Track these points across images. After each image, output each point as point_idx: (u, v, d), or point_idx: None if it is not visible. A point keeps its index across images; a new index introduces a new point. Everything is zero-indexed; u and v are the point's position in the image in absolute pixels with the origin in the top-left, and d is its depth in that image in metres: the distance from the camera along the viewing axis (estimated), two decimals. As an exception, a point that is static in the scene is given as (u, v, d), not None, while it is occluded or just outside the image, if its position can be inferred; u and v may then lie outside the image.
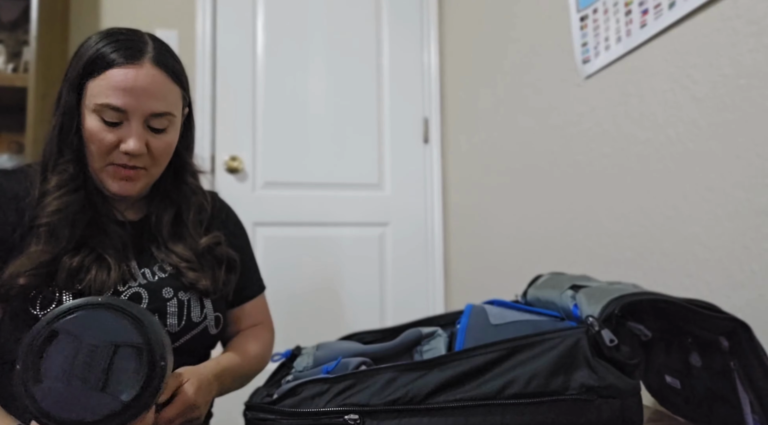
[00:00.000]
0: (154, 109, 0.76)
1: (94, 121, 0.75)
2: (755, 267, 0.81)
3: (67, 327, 0.49)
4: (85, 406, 0.47)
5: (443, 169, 2.11)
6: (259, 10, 2.05)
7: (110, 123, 0.75)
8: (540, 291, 0.78)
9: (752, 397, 0.62)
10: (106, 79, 0.74)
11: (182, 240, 0.85)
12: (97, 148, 0.76)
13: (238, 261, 0.91)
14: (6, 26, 1.84)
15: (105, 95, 0.73)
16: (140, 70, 0.74)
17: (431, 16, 2.16)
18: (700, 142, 0.92)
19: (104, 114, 0.74)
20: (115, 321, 0.50)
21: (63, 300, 0.72)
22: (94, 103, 0.74)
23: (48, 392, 0.47)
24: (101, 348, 0.49)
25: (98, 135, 0.75)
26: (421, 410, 0.55)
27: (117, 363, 0.49)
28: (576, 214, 1.27)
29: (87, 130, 0.75)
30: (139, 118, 0.75)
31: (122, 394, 0.48)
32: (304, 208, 2.02)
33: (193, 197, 0.89)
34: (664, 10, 0.97)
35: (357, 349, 0.74)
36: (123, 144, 0.75)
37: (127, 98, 0.73)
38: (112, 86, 0.73)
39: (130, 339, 0.50)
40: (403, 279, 2.06)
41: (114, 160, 0.76)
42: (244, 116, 2.00)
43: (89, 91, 0.75)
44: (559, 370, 0.56)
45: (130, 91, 0.73)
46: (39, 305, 0.72)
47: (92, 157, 0.77)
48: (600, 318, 0.59)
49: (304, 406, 0.57)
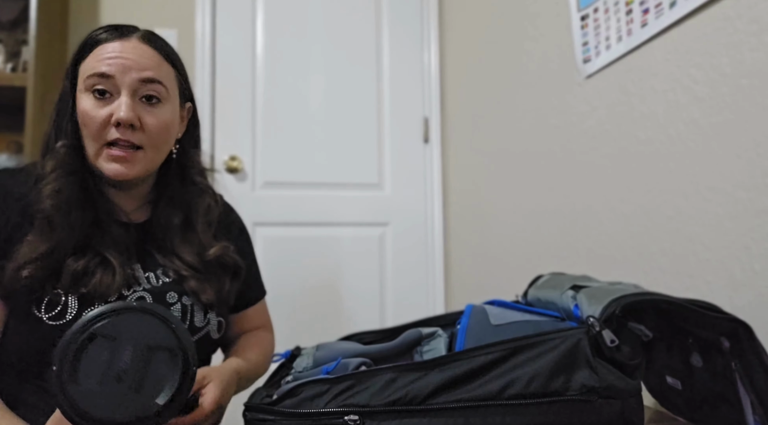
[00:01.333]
0: (141, 76, 0.76)
1: (87, 100, 0.75)
2: (756, 267, 0.81)
3: (105, 331, 0.50)
4: (122, 408, 0.48)
5: (443, 168, 2.11)
6: (259, 9, 2.05)
7: (100, 95, 0.75)
8: (541, 292, 0.78)
9: (753, 398, 0.62)
10: (95, 55, 0.76)
11: (190, 244, 0.84)
12: (91, 127, 0.75)
13: (243, 269, 0.90)
14: (5, 26, 1.84)
15: (93, 67, 0.75)
16: (127, 42, 0.77)
17: (431, 16, 2.15)
18: (701, 141, 0.92)
19: (94, 86, 0.75)
20: (149, 325, 0.51)
21: (68, 303, 0.72)
22: (84, 79, 0.75)
23: (86, 393, 0.48)
24: (138, 351, 0.50)
25: (90, 112, 0.75)
26: (421, 411, 0.55)
27: (153, 367, 0.50)
28: (577, 214, 1.27)
29: (81, 112, 0.75)
30: (128, 88, 0.75)
31: (158, 397, 0.50)
32: (304, 208, 2.02)
33: (201, 198, 0.87)
34: (665, 9, 0.97)
35: (357, 350, 0.74)
36: (114, 116, 0.74)
37: (114, 66, 0.74)
38: (99, 58, 0.75)
39: (165, 343, 0.51)
40: (403, 279, 2.06)
41: (108, 138, 0.75)
42: (243, 116, 2.00)
43: (81, 72, 0.76)
44: (560, 371, 0.56)
45: (117, 59, 0.75)
46: (44, 308, 0.71)
47: (88, 142, 0.76)
48: (601, 319, 0.59)
49: (304, 407, 0.57)
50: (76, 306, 0.72)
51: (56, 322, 0.71)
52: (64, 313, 0.72)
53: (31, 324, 0.71)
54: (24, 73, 1.70)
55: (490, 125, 1.73)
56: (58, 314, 0.71)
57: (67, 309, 0.72)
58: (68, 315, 0.72)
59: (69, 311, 0.72)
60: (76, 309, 0.72)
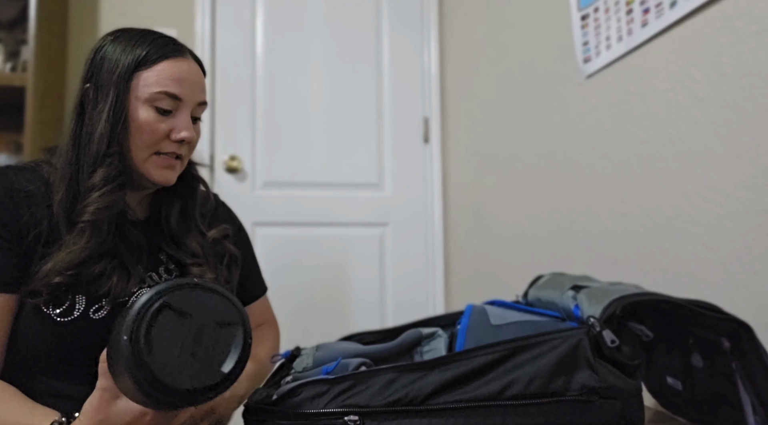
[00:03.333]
0: (201, 99, 0.81)
1: (148, 112, 0.76)
2: (757, 267, 0.81)
3: (175, 303, 0.53)
4: (193, 377, 0.51)
5: (443, 168, 2.11)
6: (259, 9, 2.05)
7: (164, 112, 0.77)
8: (541, 292, 0.78)
9: (754, 398, 0.62)
10: (161, 69, 0.77)
11: (190, 232, 0.86)
12: (149, 138, 0.77)
13: (239, 258, 0.91)
14: (4, 25, 1.84)
15: (162, 84, 0.76)
16: (188, 62, 0.80)
17: (431, 16, 2.15)
18: (701, 141, 0.91)
19: (160, 103, 0.76)
20: (214, 300, 0.55)
21: (76, 299, 0.73)
22: (150, 93, 0.76)
23: (161, 363, 0.51)
24: (207, 324, 0.54)
25: (152, 125, 0.77)
26: (421, 411, 0.55)
27: (221, 339, 0.54)
28: (577, 214, 1.27)
29: (140, 120, 0.76)
30: (190, 107, 0.80)
31: (223, 366, 0.53)
32: (304, 208, 2.02)
33: (197, 189, 0.89)
34: (666, 9, 0.97)
35: (357, 350, 0.74)
36: (174, 133, 0.78)
37: (183, 87, 0.78)
38: (168, 76, 0.77)
39: (230, 318, 0.55)
40: (404, 279, 2.06)
41: (162, 149, 0.78)
42: (243, 116, 2.00)
43: (142, 81, 0.76)
44: (560, 371, 0.56)
45: (185, 81, 0.78)
46: (52, 304, 0.72)
47: (138, 148, 0.78)
48: (601, 319, 0.59)
49: (304, 407, 0.57)
50: (84, 302, 0.73)
51: (65, 319, 0.72)
52: (72, 310, 0.72)
53: (40, 320, 0.72)
54: (23, 73, 1.70)
55: (490, 125, 1.72)
56: (66, 310, 0.72)
57: (75, 305, 0.73)
58: (75, 311, 0.72)
59: (77, 307, 0.73)
60: (84, 306, 0.73)
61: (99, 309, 0.74)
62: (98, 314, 0.73)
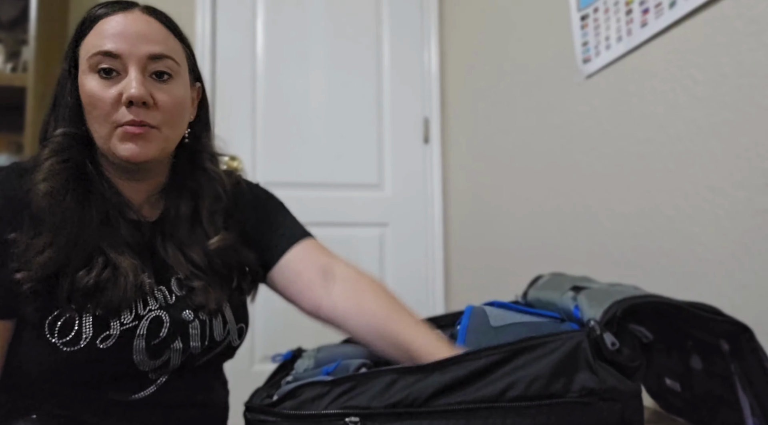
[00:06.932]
0: (150, 51, 0.70)
1: (92, 81, 0.69)
2: (756, 268, 0.81)
3: None
4: None
5: (443, 169, 2.11)
6: (259, 9, 2.05)
7: (107, 74, 0.69)
8: (540, 292, 0.78)
9: (752, 400, 0.62)
10: (96, 31, 0.70)
11: (197, 238, 0.78)
12: (99, 110, 0.69)
13: (251, 263, 0.84)
14: (5, 25, 1.84)
15: (96, 45, 0.69)
16: (129, 14, 0.71)
17: (431, 16, 2.15)
18: (700, 141, 0.92)
19: (99, 65, 0.69)
20: None
21: (83, 325, 0.66)
22: (88, 58, 0.69)
23: None
24: None
25: (98, 93, 0.69)
26: (421, 413, 0.55)
27: None
28: (576, 214, 1.27)
29: (87, 93, 0.70)
30: (136, 63, 0.69)
31: None
32: (304, 208, 2.00)
33: (210, 186, 0.81)
34: (665, 9, 0.97)
35: (358, 351, 0.74)
36: (124, 94, 0.68)
37: (120, 42, 0.69)
38: (102, 34, 0.69)
39: None
40: (404, 279, 2.06)
41: (120, 120, 0.69)
42: (243, 116, 2.00)
43: (82, 51, 0.71)
44: (561, 373, 0.56)
45: (122, 34, 0.69)
46: (57, 332, 0.65)
47: (97, 124, 0.70)
48: (602, 322, 0.59)
49: (304, 408, 0.57)
50: (91, 330, 0.66)
51: (71, 348, 0.65)
52: (78, 339, 0.66)
53: (43, 348, 0.65)
54: (24, 74, 1.70)
55: (490, 125, 1.73)
56: (72, 339, 0.66)
57: (82, 334, 0.66)
58: (83, 341, 0.66)
59: (84, 336, 0.66)
60: (90, 334, 0.66)
61: (107, 338, 0.67)
62: (105, 344, 0.66)
